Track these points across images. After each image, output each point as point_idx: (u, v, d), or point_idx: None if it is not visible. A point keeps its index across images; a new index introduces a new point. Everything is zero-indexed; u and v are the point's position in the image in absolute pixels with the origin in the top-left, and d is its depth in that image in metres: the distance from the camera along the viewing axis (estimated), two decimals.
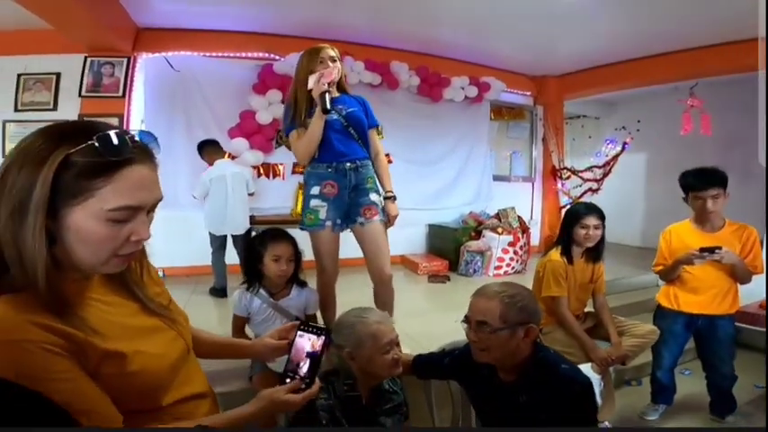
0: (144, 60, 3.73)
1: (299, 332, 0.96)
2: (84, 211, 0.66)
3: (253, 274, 1.84)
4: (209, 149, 3.39)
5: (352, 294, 2.15)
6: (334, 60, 2.02)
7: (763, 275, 2.29)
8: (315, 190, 2.05)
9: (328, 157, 2.03)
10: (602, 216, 2.17)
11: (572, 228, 2.16)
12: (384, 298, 2.16)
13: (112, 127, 0.68)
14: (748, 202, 4.05)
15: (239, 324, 1.86)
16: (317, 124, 1.96)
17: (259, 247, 1.80)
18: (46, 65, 3.60)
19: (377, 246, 2.08)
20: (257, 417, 0.87)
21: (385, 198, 2.14)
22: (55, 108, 3.63)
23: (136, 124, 3.70)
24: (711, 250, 2.04)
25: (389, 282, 2.14)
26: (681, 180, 2.21)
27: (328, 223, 2.03)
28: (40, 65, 3.59)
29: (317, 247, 2.09)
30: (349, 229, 2.12)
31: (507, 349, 1.26)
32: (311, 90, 1.94)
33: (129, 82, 3.67)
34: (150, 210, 0.73)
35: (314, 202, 2.04)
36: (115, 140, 0.66)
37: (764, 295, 2.56)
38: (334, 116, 2.00)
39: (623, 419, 2.31)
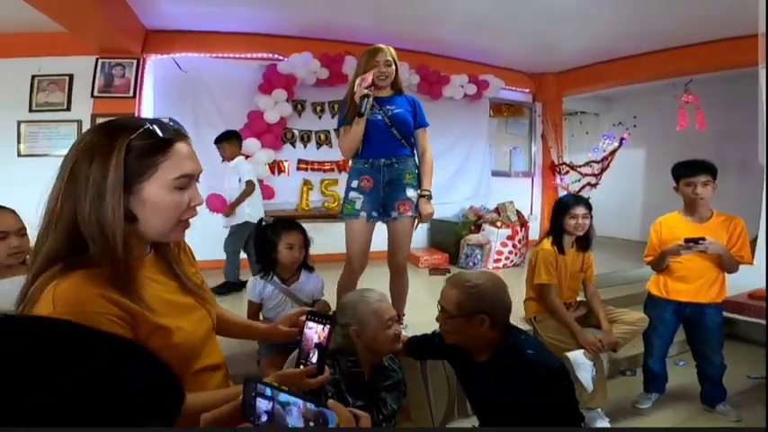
0: (153, 62, 3.85)
1: (307, 323, 1.02)
2: (154, 183, 0.78)
3: (266, 261, 1.96)
4: (234, 142, 3.32)
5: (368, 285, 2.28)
6: (389, 65, 2.14)
7: (751, 266, 2.38)
8: (354, 183, 2.22)
9: (367, 154, 2.19)
10: (589, 206, 2.28)
11: (562, 218, 2.26)
12: (399, 285, 2.31)
13: (153, 119, 0.83)
14: (745, 196, 4.15)
15: (254, 310, 1.98)
16: (356, 126, 2.10)
17: (273, 236, 1.93)
18: (59, 66, 3.72)
19: (402, 240, 2.23)
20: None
21: (420, 196, 2.22)
22: (68, 108, 3.75)
23: None
24: (696, 241, 2.10)
25: (405, 271, 2.30)
26: (672, 171, 2.30)
27: (363, 213, 2.17)
28: (53, 66, 3.71)
29: (349, 236, 2.23)
30: (384, 222, 2.24)
31: (466, 335, 1.35)
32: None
33: (139, 83, 3.79)
34: (197, 179, 0.87)
35: (352, 194, 2.21)
36: (160, 125, 0.80)
37: (753, 286, 2.63)
38: (379, 116, 2.14)
39: (618, 409, 2.37)
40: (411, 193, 2.21)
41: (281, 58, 4.05)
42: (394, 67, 2.17)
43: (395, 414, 1.42)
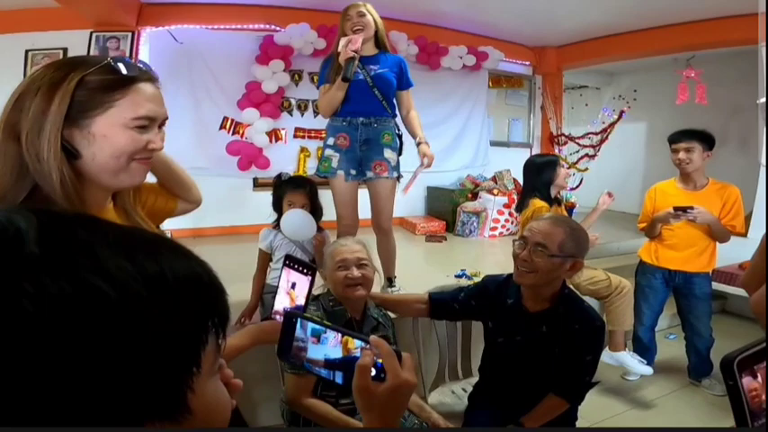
0: (148, 34, 3.79)
1: (285, 268, 0.96)
2: (107, 119, 0.73)
3: (278, 214, 2.02)
4: None
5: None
6: (362, 15, 2.09)
7: (744, 238, 2.38)
8: (330, 141, 2.21)
9: (345, 112, 2.16)
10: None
11: (553, 171, 2.31)
12: (385, 248, 2.33)
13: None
14: (744, 169, 4.17)
15: (264, 259, 2.06)
16: (338, 90, 2.07)
17: (280, 191, 2.00)
18: (53, 41, 3.66)
19: (383, 201, 2.23)
20: (252, 345, 0.95)
21: (418, 144, 2.22)
22: None
23: None
24: (685, 209, 2.12)
25: (389, 232, 2.31)
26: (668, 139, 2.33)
27: (340, 172, 2.17)
28: (46, 41, 3.66)
29: (334, 196, 2.25)
30: (363, 182, 2.25)
31: (551, 276, 1.33)
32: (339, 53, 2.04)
33: (134, 55, 3.74)
34: (161, 125, 0.82)
35: (328, 152, 2.21)
36: (123, 62, 0.75)
37: (744, 258, 2.66)
38: (361, 76, 2.10)
39: (605, 380, 2.39)
40: (388, 153, 2.19)
41: (277, 28, 3.98)
42: (370, 18, 2.11)
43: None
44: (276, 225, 2.02)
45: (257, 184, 4.12)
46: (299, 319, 0.60)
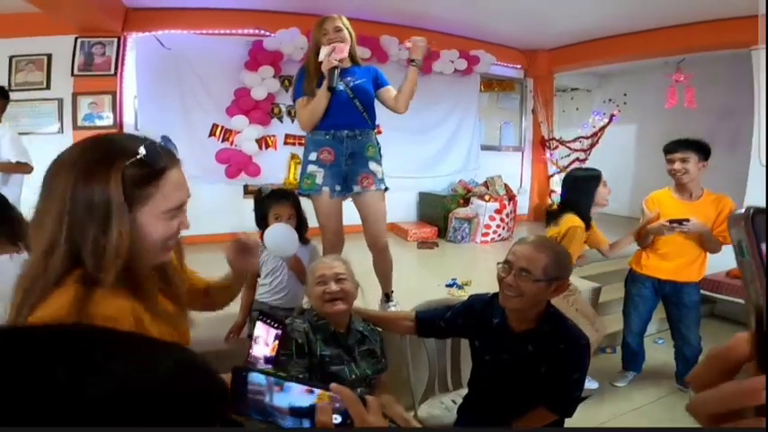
0: (134, 40, 3.75)
1: (258, 323, 0.98)
2: (145, 214, 0.78)
3: (263, 229, 1.95)
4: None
5: (353, 260, 2.29)
6: (338, 30, 2.04)
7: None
8: (312, 156, 2.12)
9: (327, 125, 2.08)
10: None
11: (595, 188, 2.15)
12: (381, 265, 2.28)
13: (144, 139, 0.80)
14: (733, 171, 4.20)
15: (251, 275, 1.98)
16: (321, 99, 2.01)
17: (264, 206, 1.93)
18: (37, 47, 3.63)
19: (373, 215, 2.16)
20: None
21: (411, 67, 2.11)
22: (48, 87, 3.69)
23: (129, 101, 3.77)
24: (680, 222, 2.12)
25: (384, 250, 2.24)
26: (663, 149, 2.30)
27: (325, 189, 2.10)
28: (31, 47, 3.62)
29: (318, 213, 2.17)
30: (349, 198, 2.18)
31: (537, 299, 1.32)
32: (321, 62, 1.99)
33: (120, 61, 3.71)
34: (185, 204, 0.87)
35: (311, 168, 2.12)
36: (156, 149, 0.78)
37: (731, 265, 2.68)
38: (341, 87, 2.04)
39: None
40: (374, 166, 2.14)
41: (267, 33, 3.96)
42: (346, 33, 2.07)
43: (371, 381, 1.44)
44: (263, 242, 1.98)
45: (248, 192, 4.09)
46: (248, 373, 0.60)
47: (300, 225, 1.92)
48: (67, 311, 0.69)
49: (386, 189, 2.21)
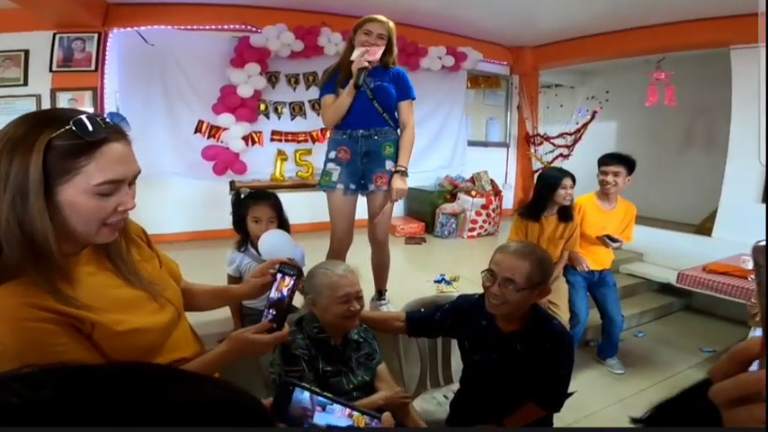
0: (115, 35, 3.65)
1: (277, 275, 1.00)
2: (73, 187, 0.72)
3: (242, 234, 1.93)
4: None
5: (355, 255, 2.33)
6: (381, 38, 2.07)
7: (710, 238, 2.52)
8: (331, 154, 2.19)
9: (346, 125, 2.14)
10: (573, 179, 2.51)
11: (554, 190, 2.45)
12: (379, 259, 2.33)
13: (85, 112, 0.75)
14: (708, 168, 4.33)
15: (234, 283, 1.94)
16: (346, 97, 2.04)
17: (242, 208, 1.89)
18: (14, 42, 3.50)
19: (379, 214, 2.22)
20: (229, 355, 0.94)
21: (394, 172, 2.15)
22: (26, 83, 3.55)
23: (110, 97, 3.68)
24: (615, 240, 2.59)
25: (383, 246, 2.30)
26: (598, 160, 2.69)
27: (340, 186, 2.15)
28: (7, 43, 3.49)
29: (330, 209, 2.22)
30: (363, 195, 2.22)
31: (523, 304, 1.37)
32: (353, 61, 2.01)
33: (101, 56, 3.61)
34: (131, 182, 0.81)
35: (329, 165, 2.19)
36: (89, 123, 0.72)
37: (708, 259, 2.78)
38: (362, 88, 2.06)
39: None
40: (390, 165, 2.17)
41: (253, 29, 3.90)
42: (386, 41, 2.10)
43: (366, 385, 1.46)
44: (242, 247, 1.93)
45: (234, 188, 4.05)
46: (294, 386, 0.61)
47: (282, 227, 1.88)
48: None
49: None
